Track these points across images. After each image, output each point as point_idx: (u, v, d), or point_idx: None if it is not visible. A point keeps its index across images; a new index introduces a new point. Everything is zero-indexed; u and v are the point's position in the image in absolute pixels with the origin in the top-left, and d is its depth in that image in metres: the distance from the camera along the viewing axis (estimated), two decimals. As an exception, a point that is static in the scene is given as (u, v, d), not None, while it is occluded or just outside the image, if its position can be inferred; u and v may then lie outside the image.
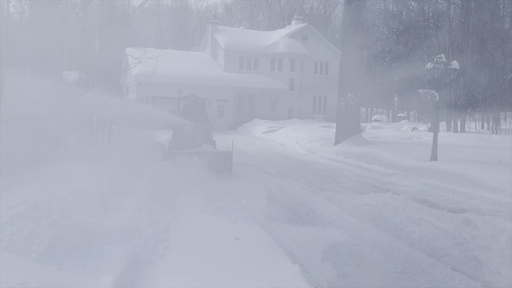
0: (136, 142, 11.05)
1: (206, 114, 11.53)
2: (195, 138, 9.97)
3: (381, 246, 4.86)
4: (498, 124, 21.15)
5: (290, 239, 5.07)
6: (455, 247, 4.48)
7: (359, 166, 11.70)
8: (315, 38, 32.65)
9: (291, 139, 18.58)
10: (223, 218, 5.59)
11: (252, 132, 24.59)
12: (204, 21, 54.46)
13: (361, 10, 14.61)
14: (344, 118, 14.42)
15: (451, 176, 8.64)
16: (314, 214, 6.09)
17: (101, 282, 3.17)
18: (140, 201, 5.59)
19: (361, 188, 8.79)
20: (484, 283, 3.90)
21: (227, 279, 3.72)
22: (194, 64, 29.47)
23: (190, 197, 6.79)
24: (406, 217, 5.56)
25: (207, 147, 9.82)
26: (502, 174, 8.03)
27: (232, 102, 29.18)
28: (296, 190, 8.26)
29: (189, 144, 10.05)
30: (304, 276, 3.70)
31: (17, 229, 3.33)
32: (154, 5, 43.29)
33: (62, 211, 3.76)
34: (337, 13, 53.35)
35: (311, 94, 32.31)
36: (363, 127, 18.91)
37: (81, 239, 3.67)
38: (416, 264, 4.34)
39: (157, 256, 4.20)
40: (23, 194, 3.74)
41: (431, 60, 10.75)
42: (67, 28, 10.22)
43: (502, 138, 16.16)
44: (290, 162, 13.08)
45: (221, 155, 9.73)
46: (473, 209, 6.96)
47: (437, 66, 10.03)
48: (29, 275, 2.70)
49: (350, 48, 14.35)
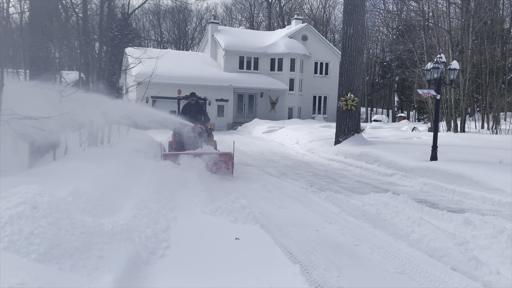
0: (136, 142, 11.07)
1: (207, 114, 11.37)
2: (195, 139, 9.78)
3: (380, 246, 4.86)
4: (498, 124, 21.15)
5: (290, 239, 5.07)
6: (455, 247, 4.48)
7: (359, 166, 11.71)
8: (315, 38, 32.66)
9: (291, 139, 18.59)
10: (223, 218, 5.60)
11: (252, 132, 24.60)
12: (204, 21, 54.57)
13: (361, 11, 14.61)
14: (344, 118, 14.43)
15: (451, 176, 8.64)
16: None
17: (101, 282, 3.17)
18: (140, 201, 5.60)
19: (361, 188, 8.79)
20: (484, 283, 3.90)
21: (226, 279, 3.72)
22: (194, 64, 29.49)
23: (190, 197, 6.80)
24: (406, 217, 5.56)
25: (208, 148, 9.63)
26: (502, 174, 8.03)
27: (232, 102, 29.20)
28: (296, 190, 8.28)
29: (189, 145, 9.93)
30: (303, 276, 3.70)
31: (17, 229, 3.33)
32: (154, 5, 43.30)
33: (62, 211, 3.76)
34: (337, 13, 53.49)
35: (311, 94, 32.34)
36: (363, 127, 18.93)
37: (81, 239, 3.67)
38: (416, 264, 4.34)
39: (157, 256, 4.21)
40: (23, 194, 3.74)
41: (431, 60, 10.75)
42: (67, 28, 10.23)
43: (502, 138, 16.16)
44: (290, 162, 13.09)
45: (222, 156, 9.54)
46: (473, 209, 6.96)
47: (437, 66, 10.03)
48: (29, 275, 2.70)
49: (350, 48, 14.36)
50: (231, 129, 28.28)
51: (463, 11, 22.89)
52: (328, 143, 14.86)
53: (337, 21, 54.59)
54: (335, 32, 51.99)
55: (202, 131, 10.01)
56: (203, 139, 9.90)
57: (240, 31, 35.33)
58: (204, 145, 9.68)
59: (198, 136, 9.84)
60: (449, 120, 22.29)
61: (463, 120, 21.92)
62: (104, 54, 10.50)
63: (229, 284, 3.61)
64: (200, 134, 9.89)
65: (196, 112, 10.84)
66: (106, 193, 5.50)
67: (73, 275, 3.23)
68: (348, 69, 14.43)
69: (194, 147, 9.73)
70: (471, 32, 22.81)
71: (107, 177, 6.15)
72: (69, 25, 10.52)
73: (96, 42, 10.70)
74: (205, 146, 9.68)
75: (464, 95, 21.84)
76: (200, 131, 9.93)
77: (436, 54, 15.92)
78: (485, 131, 21.82)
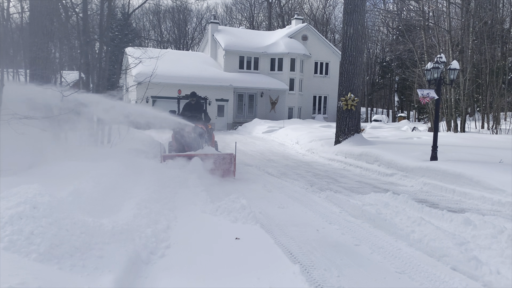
0: (136, 142, 11.06)
1: (207, 113, 11.15)
2: (196, 139, 9.59)
3: (381, 246, 4.86)
4: (498, 124, 21.14)
5: (290, 239, 5.07)
6: (455, 247, 4.48)
7: (359, 166, 11.71)
8: (315, 38, 32.65)
9: (291, 139, 18.59)
10: (223, 218, 5.60)
11: (252, 132, 24.60)
12: (204, 21, 54.59)
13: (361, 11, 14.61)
14: (344, 118, 14.43)
15: (451, 176, 8.64)
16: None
17: (101, 282, 3.18)
18: (140, 201, 5.60)
19: (361, 188, 8.79)
20: (484, 283, 3.90)
21: (227, 278, 3.73)
22: (194, 64, 29.49)
23: (190, 197, 6.80)
24: (406, 217, 5.57)
25: (209, 149, 9.40)
26: (502, 174, 8.03)
27: (232, 102, 29.20)
28: (296, 189, 8.28)
29: (190, 146, 9.74)
30: (304, 276, 3.70)
31: (17, 229, 3.33)
32: (154, 5, 43.29)
33: (62, 211, 3.76)
34: (337, 13, 53.48)
35: (311, 94, 32.34)
36: (363, 127, 18.92)
37: (81, 239, 3.67)
38: (416, 264, 4.34)
39: (157, 256, 4.21)
40: (23, 194, 3.74)
41: (431, 60, 10.75)
42: (67, 28, 10.23)
43: (502, 138, 16.16)
44: (290, 162, 13.09)
45: (224, 157, 9.29)
46: (473, 209, 6.96)
47: (437, 66, 10.03)
48: (30, 275, 2.71)
49: (350, 48, 14.36)
50: (231, 129, 28.29)
51: (463, 11, 22.89)
52: (328, 143, 14.86)
53: (337, 21, 54.62)
54: (335, 32, 52.02)
55: (203, 132, 9.79)
56: (204, 140, 9.70)
57: (240, 31, 35.32)
58: (205, 146, 9.50)
59: (199, 136, 9.64)
60: (449, 120, 22.28)
61: (463, 120, 21.91)
62: (104, 54, 10.50)
63: (229, 284, 3.61)
64: (201, 135, 9.68)
65: (197, 112, 10.65)
66: (106, 193, 5.50)
67: (73, 275, 3.23)
68: (348, 69, 14.43)
69: (195, 148, 9.53)
70: (471, 32, 22.81)
71: (107, 177, 6.15)
72: (69, 25, 10.52)
73: (96, 42, 10.70)
74: (206, 147, 9.48)
75: (464, 95, 21.83)
76: (201, 132, 9.72)
77: (436, 54, 15.93)
78: (485, 131, 21.81)
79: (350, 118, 14.40)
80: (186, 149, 9.88)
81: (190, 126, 9.65)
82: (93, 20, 11.51)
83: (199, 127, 9.78)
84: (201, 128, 9.84)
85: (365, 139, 14.30)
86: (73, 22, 10.66)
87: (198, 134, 9.66)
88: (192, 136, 9.66)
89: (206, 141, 9.81)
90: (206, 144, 9.65)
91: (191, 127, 9.67)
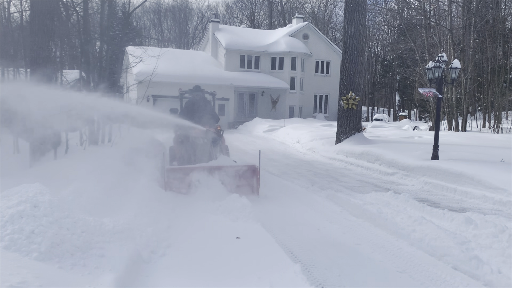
0: (136, 141, 11.04)
1: (215, 112, 9.19)
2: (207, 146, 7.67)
3: (381, 245, 4.86)
4: (500, 123, 21.10)
5: (291, 238, 5.07)
6: (456, 246, 4.48)
7: (360, 165, 11.69)
8: (316, 36, 32.60)
9: (292, 138, 18.57)
10: (223, 217, 5.60)
11: (253, 131, 24.58)
12: (205, 19, 54.50)
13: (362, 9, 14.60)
14: (345, 117, 14.41)
15: (452, 175, 8.63)
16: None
17: (102, 281, 3.18)
18: (141, 200, 5.60)
19: (362, 187, 8.78)
20: (485, 282, 3.89)
21: (227, 277, 3.72)
22: (195, 63, 29.46)
23: (190, 196, 6.79)
24: (407, 216, 5.56)
25: (225, 159, 7.46)
26: (503, 173, 8.01)
27: (233, 101, 29.19)
28: (297, 189, 8.27)
29: (199, 156, 7.71)
30: (304, 275, 3.70)
31: (18, 228, 3.33)
32: (155, 3, 43.33)
33: (63, 210, 3.76)
34: (338, 11, 53.39)
35: (312, 93, 32.30)
36: (364, 126, 18.90)
37: (82, 238, 3.67)
38: (417, 263, 4.33)
39: (158, 255, 4.21)
40: (24, 193, 3.74)
41: (432, 59, 10.73)
42: (68, 27, 10.23)
43: (503, 137, 16.13)
44: (291, 161, 13.08)
45: (245, 170, 7.25)
46: (474, 208, 6.95)
47: (438, 65, 10.01)
48: (30, 274, 2.70)
49: (351, 47, 14.33)
50: (232, 128, 28.26)
51: (464, 10, 22.83)
52: (329, 142, 14.85)
53: (338, 19, 54.53)
54: (336, 31, 51.94)
55: (216, 138, 7.91)
56: (218, 148, 7.85)
57: (241, 30, 35.29)
58: (219, 156, 7.61)
59: (212, 144, 7.74)
60: (450, 119, 22.25)
61: (465, 119, 21.87)
62: (105, 53, 10.48)
63: (230, 283, 3.61)
64: (214, 142, 7.80)
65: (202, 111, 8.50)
66: (107, 192, 5.50)
67: (74, 274, 3.23)
68: (349, 68, 14.41)
69: (208, 159, 7.57)
70: (472, 31, 22.76)
71: (108, 176, 6.15)
72: (70, 24, 10.51)
73: (97, 41, 10.68)
74: (220, 156, 7.56)
75: (465, 94, 21.79)
76: (214, 138, 7.83)
77: (438, 53, 15.89)
78: (486, 130, 21.78)
79: (351, 117, 14.38)
80: (193, 160, 7.78)
81: (199, 130, 7.72)
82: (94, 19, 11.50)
83: (211, 131, 7.89)
84: (213, 132, 7.97)
85: (366, 138, 14.28)
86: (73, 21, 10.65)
87: (211, 141, 7.80)
88: (201, 142, 7.74)
89: (221, 149, 8.06)
90: (220, 152, 7.87)
91: (200, 131, 7.72)
